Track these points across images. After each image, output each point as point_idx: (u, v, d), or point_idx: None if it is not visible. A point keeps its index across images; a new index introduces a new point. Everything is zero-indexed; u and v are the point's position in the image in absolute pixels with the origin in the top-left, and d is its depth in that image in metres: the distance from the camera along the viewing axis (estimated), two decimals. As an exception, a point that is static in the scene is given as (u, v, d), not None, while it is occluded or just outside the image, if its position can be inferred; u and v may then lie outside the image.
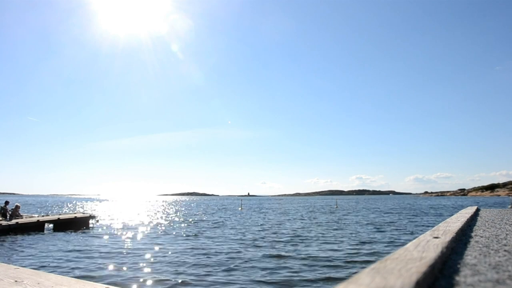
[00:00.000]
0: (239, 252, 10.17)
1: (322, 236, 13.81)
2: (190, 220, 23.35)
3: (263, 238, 13.37)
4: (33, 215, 18.01)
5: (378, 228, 17.07)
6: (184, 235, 14.59)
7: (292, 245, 11.54)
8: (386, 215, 27.42)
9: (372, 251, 10.46)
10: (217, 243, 11.98)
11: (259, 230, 16.23)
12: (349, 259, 9.11)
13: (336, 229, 16.63)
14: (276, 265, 8.36)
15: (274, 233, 15.11)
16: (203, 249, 10.79)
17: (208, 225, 19.39)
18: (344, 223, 19.96)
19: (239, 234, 14.76)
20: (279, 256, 9.47)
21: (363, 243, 12.04)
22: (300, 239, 12.86)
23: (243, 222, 21.47)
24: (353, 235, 14.36)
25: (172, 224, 19.87)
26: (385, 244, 11.77)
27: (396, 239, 13.21)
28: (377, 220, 22.54)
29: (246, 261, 8.78)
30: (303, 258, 9.13)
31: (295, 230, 16.00)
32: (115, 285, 6.55)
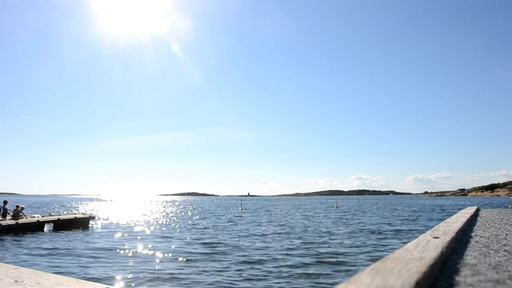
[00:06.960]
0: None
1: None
2: (188, 221, 23.33)
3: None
4: (34, 215, 17.98)
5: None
6: (181, 236, 14.58)
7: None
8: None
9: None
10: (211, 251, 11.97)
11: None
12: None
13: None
14: None
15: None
16: (199, 254, 10.78)
17: (205, 226, 19.38)
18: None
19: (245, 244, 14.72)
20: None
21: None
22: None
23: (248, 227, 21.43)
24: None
25: (170, 225, 19.86)
26: None
27: None
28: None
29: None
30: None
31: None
32: (114, 285, 6.55)
